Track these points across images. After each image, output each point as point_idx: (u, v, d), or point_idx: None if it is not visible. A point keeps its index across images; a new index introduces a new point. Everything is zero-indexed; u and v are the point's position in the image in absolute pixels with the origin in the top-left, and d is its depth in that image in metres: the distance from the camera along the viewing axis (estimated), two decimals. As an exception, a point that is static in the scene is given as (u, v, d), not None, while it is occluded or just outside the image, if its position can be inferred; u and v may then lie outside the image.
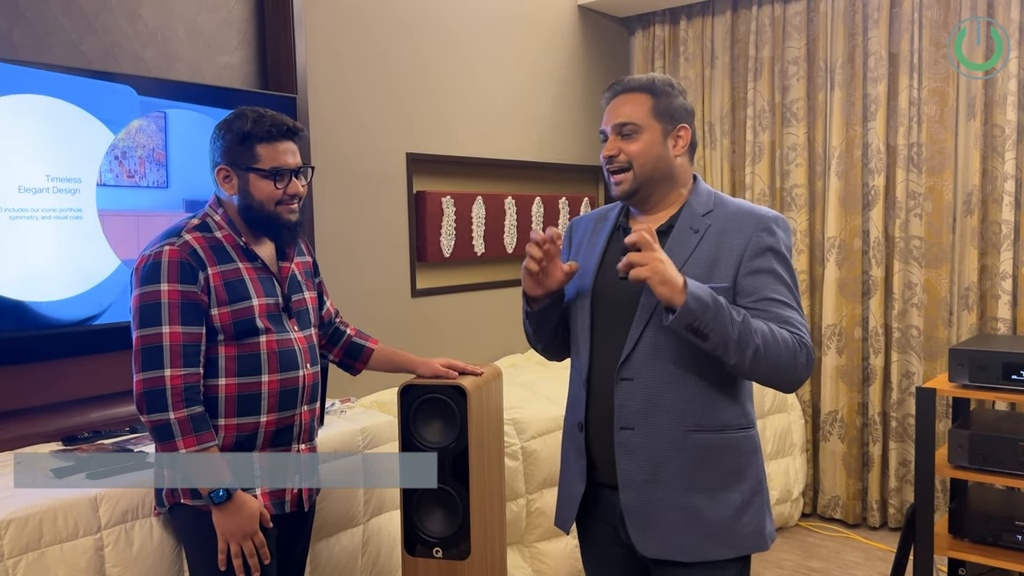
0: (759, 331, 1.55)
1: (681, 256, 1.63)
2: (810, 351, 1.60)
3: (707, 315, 1.51)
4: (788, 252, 1.65)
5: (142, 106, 2.45)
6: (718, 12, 4.22)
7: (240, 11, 2.86)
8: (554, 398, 3.08)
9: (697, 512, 1.62)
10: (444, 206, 3.57)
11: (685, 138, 1.68)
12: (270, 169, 1.81)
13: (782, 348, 1.56)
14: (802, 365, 1.59)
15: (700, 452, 1.62)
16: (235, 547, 1.75)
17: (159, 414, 1.70)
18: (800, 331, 1.60)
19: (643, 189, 1.68)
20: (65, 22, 2.41)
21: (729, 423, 1.65)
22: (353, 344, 2.17)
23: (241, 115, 1.82)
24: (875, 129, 3.74)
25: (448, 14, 3.59)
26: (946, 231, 3.65)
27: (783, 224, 1.67)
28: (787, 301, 1.61)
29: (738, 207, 1.69)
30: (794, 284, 1.64)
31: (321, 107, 3.08)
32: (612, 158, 1.67)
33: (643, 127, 1.65)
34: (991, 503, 2.76)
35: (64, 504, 1.81)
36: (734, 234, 1.64)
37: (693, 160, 1.75)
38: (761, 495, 1.69)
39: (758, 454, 1.70)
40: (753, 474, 1.67)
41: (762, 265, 1.61)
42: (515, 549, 2.86)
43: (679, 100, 1.69)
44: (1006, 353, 2.49)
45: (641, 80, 1.69)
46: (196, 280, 1.75)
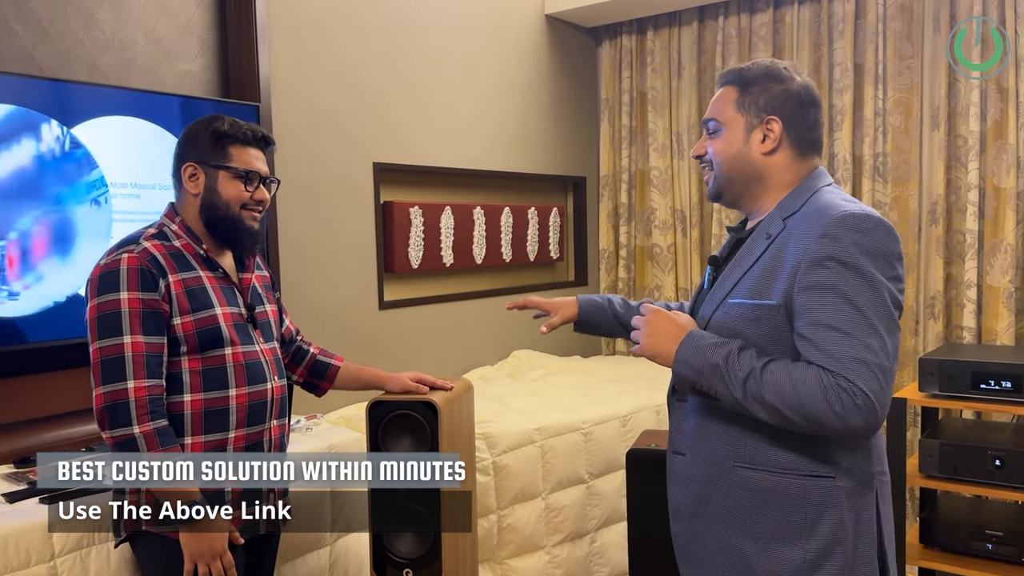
0: (772, 384, 1.33)
1: (742, 268, 1.46)
2: (855, 395, 1.28)
3: (701, 380, 1.39)
4: (867, 260, 1.32)
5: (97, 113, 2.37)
6: (685, 23, 4.23)
7: (201, 18, 2.80)
8: (526, 412, 3.04)
9: (747, 561, 1.43)
10: (412, 216, 3.52)
11: (776, 131, 1.46)
12: (242, 170, 1.78)
13: (804, 400, 1.30)
14: (839, 414, 1.28)
15: (752, 493, 1.42)
16: (203, 568, 1.68)
17: (123, 429, 1.61)
18: (845, 371, 1.28)
19: (727, 191, 1.53)
20: (18, 28, 2.32)
21: (793, 466, 1.40)
22: (318, 362, 2.12)
23: (217, 118, 1.80)
24: (841, 139, 3.77)
25: (415, 23, 3.54)
26: (912, 241, 3.68)
27: (858, 224, 1.34)
28: (843, 328, 1.30)
29: (818, 207, 1.41)
30: (873, 304, 1.31)
31: (285, 116, 3.01)
32: (700, 157, 1.55)
33: (725, 123, 1.50)
34: (961, 512, 2.77)
35: (15, 531, 1.73)
36: (796, 240, 1.38)
37: (809, 154, 1.50)
38: (838, 560, 1.39)
39: (840, 510, 1.39)
40: (828, 532, 1.38)
41: (817, 280, 1.33)
42: (486, 566, 2.81)
43: (777, 89, 1.47)
44: (975, 362, 2.50)
45: (731, 71, 1.53)
46: (157, 288, 1.69)
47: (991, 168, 3.46)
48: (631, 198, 4.42)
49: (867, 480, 1.42)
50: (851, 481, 1.40)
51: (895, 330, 1.34)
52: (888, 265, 1.34)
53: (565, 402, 3.24)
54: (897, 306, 1.35)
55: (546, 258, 4.27)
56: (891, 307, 1.34)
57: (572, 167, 4.44)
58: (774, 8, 3.96)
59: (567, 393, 3.40)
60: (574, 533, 2.98)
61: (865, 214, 1.35)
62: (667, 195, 4.29)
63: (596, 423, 3.07)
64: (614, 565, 3.04)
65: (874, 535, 1.42)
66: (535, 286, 4.22)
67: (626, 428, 3.14)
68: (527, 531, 2.85)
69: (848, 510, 1.40)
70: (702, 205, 4.22)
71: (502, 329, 4.00)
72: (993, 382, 2.47)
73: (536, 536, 2.88)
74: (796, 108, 1.48)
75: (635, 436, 3.07)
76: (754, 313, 1.41)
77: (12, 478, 2.02)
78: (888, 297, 1.33)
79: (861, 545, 1.41)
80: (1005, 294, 3.39)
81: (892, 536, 1.48)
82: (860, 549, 1.41)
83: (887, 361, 1.31)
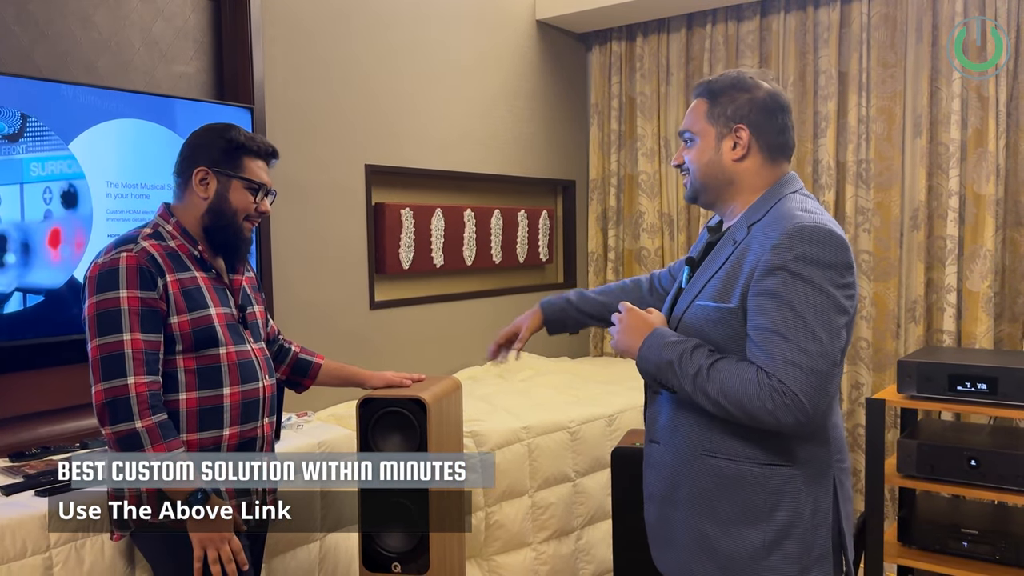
0: (716, 381, 1.43)
1: (711, 271, 1.56)
2: (784, 395, 1.38)
3: (659, 374, 1.51)
4: (813, 270, 1.40)
5: (94, 116, 2.41)
6: (673, 30, 4.29)
7: (196, 20, 2.83)
8: (513, 410, 3.09)
9: (709, 541, 1.54)
10: (403, 218, 3.56)
11: (744, 139, 1.54)
12: (256, 182, 1.85)
13: (741, 397, 1.41)
14: (770, 411, 1.39)
15: (717, 480, 1.52)
16: (212, 553, 1.70)
17: (125, 424, 1.65)
18: (779, 372, 1.38)
19: (703, 195, 1.62)
20: (16, 29, 2.36)
21: (754, 455, 1.50)
22: (300, 361, 2.17)
23: (232, 127, 1.86)
24: (825, 146, 3.83)
25: (408, 27, 3.59)
26: (894, 246, 3.74)
27: (809, 236, 1.41)
28: (782, 332, 1.39)
29: (777, 216, 1.48)
30: (815, 310, 1.39)
31: (279, 118, 3.05)
32: (679, 166, 1.64)
33: (698, 134, 1.59)
34: (938, 511, 2.82)
35: (12, 522, 1.76)
36: (755, 248, 1.47)
37: (778, 159, 1.58)
38: (796, 542, 1.49)
39: (797, 496, 1.49)
40: (785, 516, 1.49)
41: (765, 287, 1.43)
42: (474, 563, 2.86)
43: (744, 98, 1.54)
44: (952, 365, 2.56)
45: (701, 83, 1.61)
46: (155, 287, 1.72)
47: (971, 175, 3.53)
48: (619, 202, 4.48)
49: (824, 469, 1.52)
50: (807, 469, 1.50)
51: (836, 336, 1.42)
52: (836, 274, 1.42)
53: (552, 402, 3.28)
54: (842, 312, 1.43)
55: (535, 260, 4.32)
56: (834, 314, 1.41)
57: (562, 171, 4.49)
58: (761, 16, 4.02)
59: (554, 393, 3.44)
60: (560, 530, 3.02)
61: (816, 226, 1.43)
62: (655, 199, 4.35)
63: (582, 422, 3.12)
64: (599, 562, 3.09)
65: (830, 519, 1.52)
66: (524, 288, 4.27)
67: (612, 427, 3.19)
68: (514, 528, 2.89)
69: (805, 496, 1.50)
70: (689, 209, 4.27)
71: (491, 330, 4.00)
72: (969, 384, 2.52)
73: (523, 533, 2.92)
74: (763, 115, 1.55)
75: (621, 435, 3.12)
76: (717, 315, 1.51)
77: (8, 472, 2.05)
78: (832, 305, 1.41)
79: (819, 528, 1.51)
80: (984, 299, 3.46)
81: (851, 517, 1.58)
82: (817, 532, 1.51)
83: (823, 365, 1.39)
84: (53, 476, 2.00)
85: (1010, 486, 2.45)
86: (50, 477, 1.99)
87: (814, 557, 1.50)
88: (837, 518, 1.53)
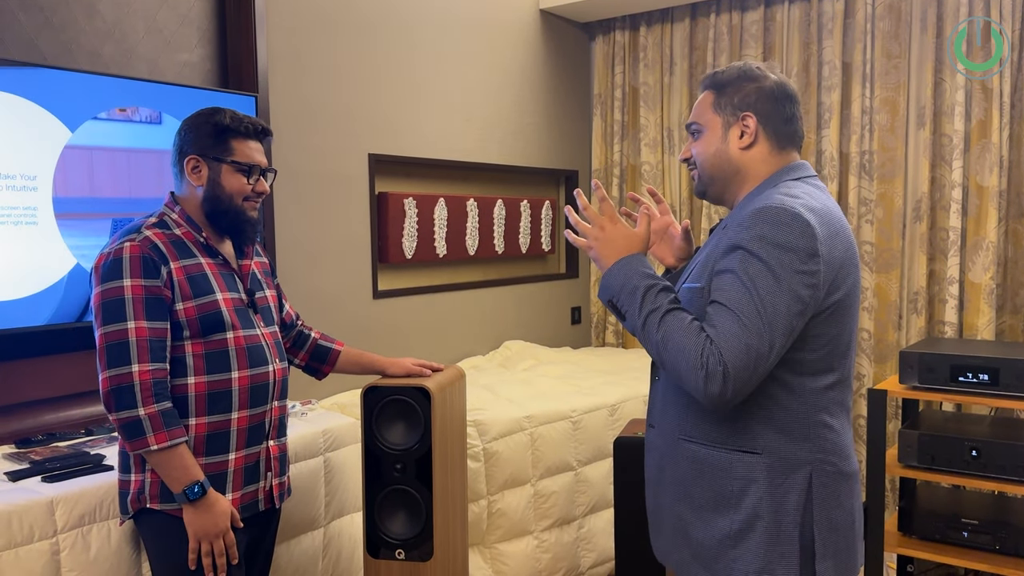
0: (665, 327, 1.41)
1: (699, 256, 1.58)
2: (715, 368, 1.35)
3: (620, 296, 1.47)
4: (770, 250, 1.38)
5: (99, 103, 2.41)
6: (677, 19, 4.28)
7: (200, 8, 2.83)
8: (516, 400, 3.10)
9: (685, 527, 1.55)
10: (406, 207, 3.56)
11: (751, 126, 1.53)
12: (245, 164, 1.84)
13: (680, 350, 1.39)
14: (702, 379, 1.36)
15: (693, 464, 1.52)
16: (206, 546, 1.74)
17: (128, 411, 1.67)
18: (720, 341, 1.36)
19: (711, 188, 1.61)
20: (21, 16, 2.36)
21: (723, 440, 1.48)
22: (319, 347, 2.18)
23: (218, 111, 1.84)
24: (829, 137, 3.83)
25: (411, 16, 3.58)
26: (896, 237, 3.75)
27: (771, 217, 1.40)
28: (728, 305, 1.38)
29: (761, 198, 1.47)
30: (767, 290, 1.37)
31: (283, 107, 3.05)
32: (687, 160, 1.63)
33: (705, 125, 1.58)
34: (938, 501, 2.84)
35: (19, 508, 1.77)
36: (729, 230, 1.46)
37: (787, 147, 1.56)
38: (760, 535, 1.46)
39: (761, 485, 1.46)
40: (751, 506, 1.46)
41: (724, 264, 1.43)
42: (476, 550, 2.87)
43: (751, 87, 1.53)
44: (953, 356, 2.57)
45: (708, 76, 1.61)
46: (159, 275, 1.74)
47: (975, 167, 3.53)
48: (622, 192, 4.48)
49: (793, 463, 1.46)
50: (772, 459, 1.46)
51: (783, 318, 1.37)
52: (797, 259, 1.38)
53: (555, 391, 3.30)
54: (795, 299, 1.38)
55: (538, 250, 4.32)
56: (787, 298, 1.37)
57: (564, 161, 4.49)
58: (765, 6, 4.01)
59: (557, 383, 3.46)
60: (562, 519, 3.04)
61: (782, 208, 1.40)
62: (657, 190, 4.34)
63: (585, 412, 3.13)
64: (601, 550, 3.11)
65: (798, 519, 1.45)
66: (527, 278, 4.28)
67: (614, 417, 3.21)
68: (516, 516, 2.91)
69: (767, 487, 1.45)
70: (692, 200, 4.28)
71: (494, 320, 4.06)
72: (971, 375, 2.53)
73: (525, 521, 2.94)
74: (770, 103, 1.53)
75: (623, 425, 3.14)
76: (691, 295, 1.51)
77: (14, 458, 2.06)
78: (786, 288, 1.37)
79: (784, 526, 1.45)
80: (986, 290, 3.46)
81: (835, 527, 1.49)
82: (783, 529, 1.45)
83: (764, 346, 1.36)
84: (59, 462, 2.01)
85: (1010, 476, 2.46)
86: (56, 464, 2.00)
87: (777, 555, 1.45)
88: (810, 521, 1.46)
